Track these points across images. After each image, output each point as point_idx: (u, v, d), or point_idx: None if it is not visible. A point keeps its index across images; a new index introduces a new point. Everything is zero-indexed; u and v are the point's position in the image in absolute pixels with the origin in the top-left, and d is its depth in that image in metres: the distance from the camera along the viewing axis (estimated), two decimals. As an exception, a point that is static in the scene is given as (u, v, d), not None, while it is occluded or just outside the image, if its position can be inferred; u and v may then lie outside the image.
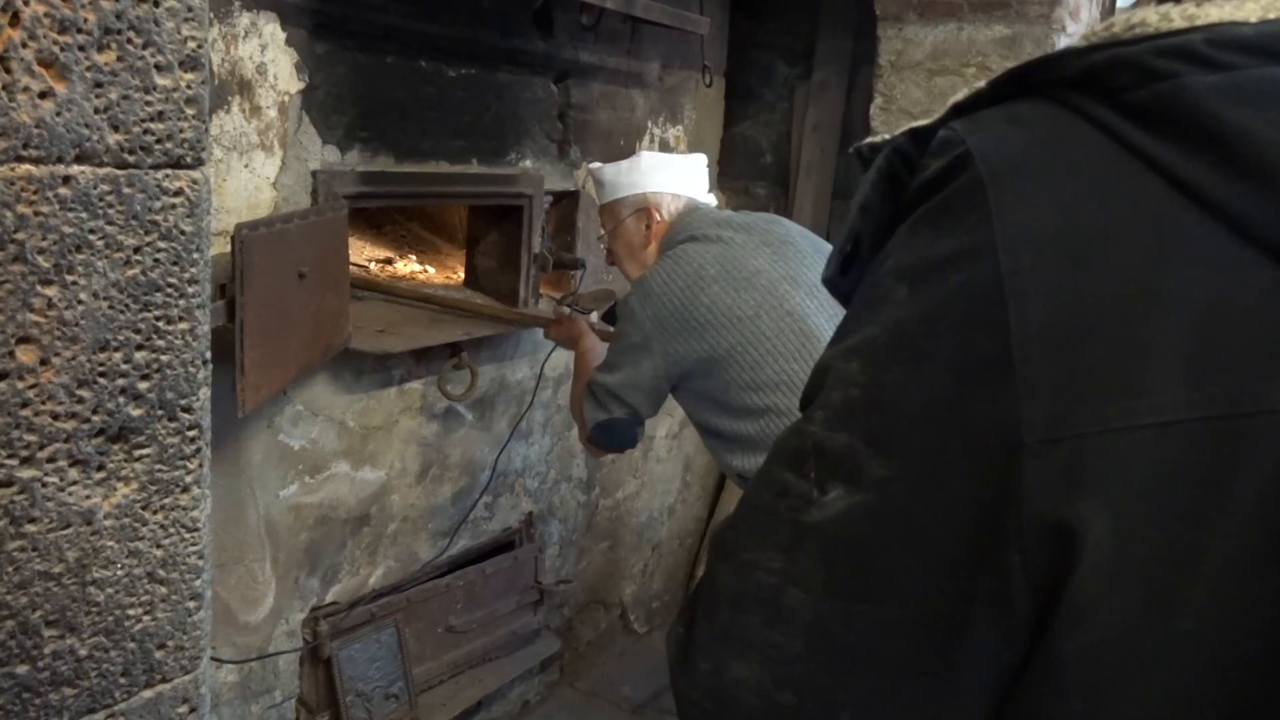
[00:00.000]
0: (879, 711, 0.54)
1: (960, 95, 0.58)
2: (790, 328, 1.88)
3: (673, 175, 2.15)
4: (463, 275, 2.78)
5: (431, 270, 2.84)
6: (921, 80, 2.73)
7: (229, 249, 1.66)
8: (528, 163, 2.61)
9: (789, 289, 1.92)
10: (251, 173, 1.97)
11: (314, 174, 2.09)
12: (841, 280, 0.62)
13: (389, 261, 2.79)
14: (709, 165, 3.37)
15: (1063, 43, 2.62)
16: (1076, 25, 2.63)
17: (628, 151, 2.97)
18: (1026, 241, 0.50)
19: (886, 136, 0.60)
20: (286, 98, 2.01)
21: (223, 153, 1.90)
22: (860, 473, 0.53)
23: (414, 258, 2.85)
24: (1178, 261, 0.48)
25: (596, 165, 2.24)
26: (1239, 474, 0.47)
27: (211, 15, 1.83)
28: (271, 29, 1.96)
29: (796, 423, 0.58)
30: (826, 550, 0.54)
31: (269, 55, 1.96)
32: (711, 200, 2.21)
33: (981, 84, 0.57)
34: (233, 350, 1.65)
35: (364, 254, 2.77)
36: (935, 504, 0.51)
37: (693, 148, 3.26)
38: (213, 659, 2.06)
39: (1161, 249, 0.49)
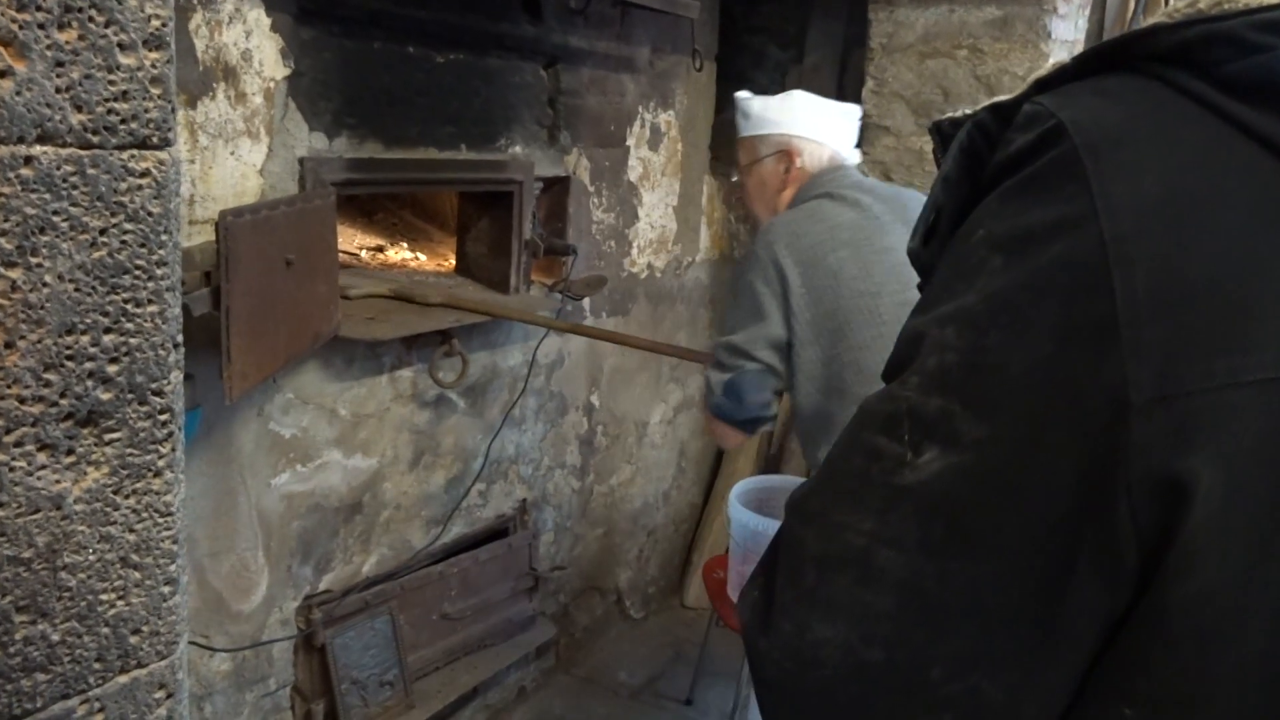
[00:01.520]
0: (972, 665, 0.55)
1: (1043, 71, 0.60)
2: (905, 317, 1.83)
3: (822, 122, 2.05)
4: (454, 262, 2.77)
5: (423, 257, 2.83)
6: (913, 63, 2.72)
7: (214, 236, 1.65)
8: (517, 149, 2.60)
9: (913, 276, 1.86)
10: (238, 160, 1.96)
11: (301, 161, 2.07)
12: (923, 252, 0.65)
13: (380, 249, 2.78)
14: (703, 150, 3.37)
15: (1054, 24, 2.61)
16: (1068, 6, 2.61)
17: (619, 137, 2.96)
18: (1129, 210, 0.52)
19: (967, 111, 0.62)
20: (272, 84, 2.00)
21: (208, 140, 1.89)
22: (957, 435, 0.55)
23: (405, 245, 2.84)
24: None
25: (745, 94, 2.13)
26: None
27: (195, 1, 1.83)
28: (256, 15, 1.94)
29: (887, 388, 0.60)
30: (921, 510, 0.55)
31: (254, 41, 1.95)
32: (855, 156, 2.11)
33: (1066, 59, 0.59)
34: (219, 338, 1.64)
35: (355, 242, 2.77)
36: (1037, 463, 0.53)
37: (684, 133, 3.24)
38: (206, 647, 2.06)
39: (1264, 214, 0.51)
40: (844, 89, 3.32)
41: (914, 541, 0.55)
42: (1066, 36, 2.63)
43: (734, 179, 2.20)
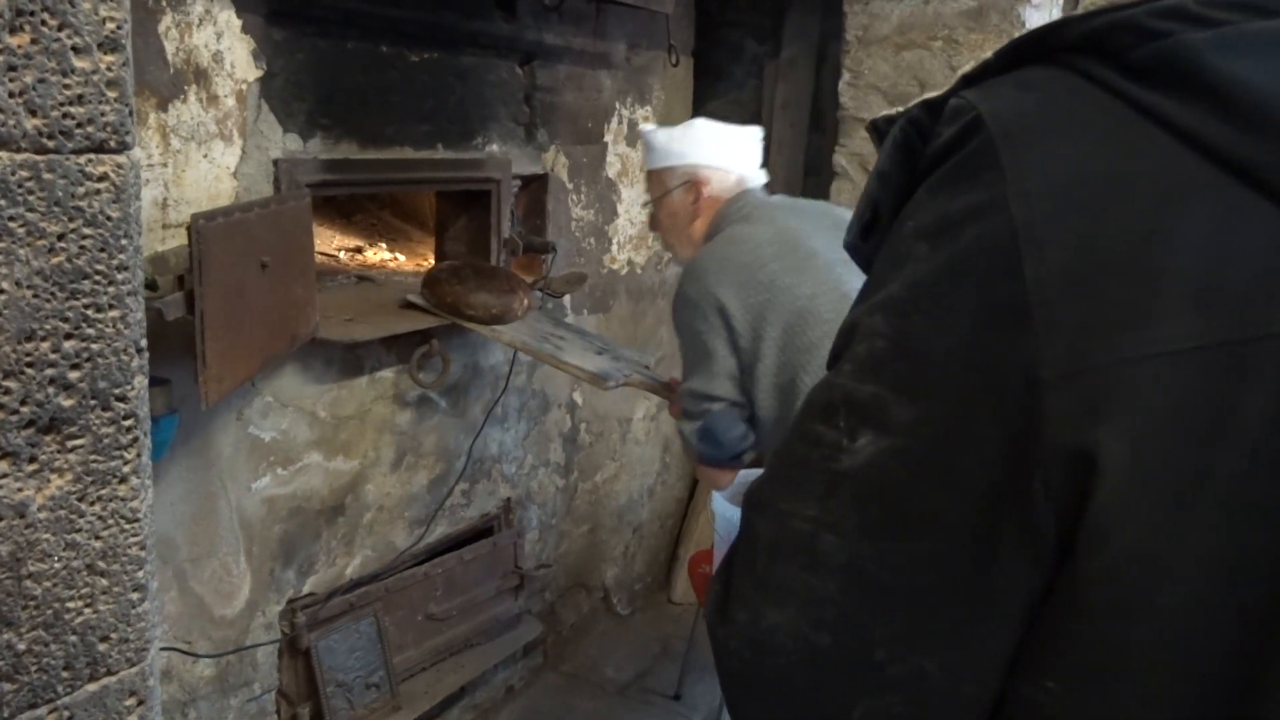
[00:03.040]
0: (913, 646, 0.56)
1: (969, 66, 0.62)
2: (846, 310, 1.83)
3: (725, 148, 2.08)
4: (433, 261, 2.77)
5: (402, 258, 2.82)
6: (889, 55, 2.72)
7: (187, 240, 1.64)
8: (494, 147, 2.59)
9: (843, 271, 1.87)
10: (211, 163, 1.95)
11: (275, 163, 2.06)
12: (862, 246, 0.66)
13: (359, 250, 2.77)
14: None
15: (1028, 14, 2.62)
16: (1042, -5, 2.61)
17: (596, 133, 2.95)
18: (1039, 194, 0.54)
19: (900, 109, 0.64)
20: (244, 86, 1.99)
21: (181, 143, 1.88)
22: (888, 418, 0.56)
23: (384, 246, 2.84)
24: (1184, 204, 0.52)
25: (648, 128, 2.17)
26: (1244, 395, 0.51)
27: (164, 3, 1.81)
28: (226, 16, 1.93)
29: (825, 377, 0.62)
30: (859, 494, 0.57)
31: (225, 43, 1.93)
32: (762, 176, 2.14)
33: (989, 55, 0.61)
34: (194, 343, 1.63)
35: (334, 243, 2.76)
36: (962, 442, 0.55)
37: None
38: (189, 653, 2.05)
39: (1168, 194, 0.52)
40: (821, 82, 3.33)
41: (853, 525, 0.57)
42: (1041, 26, 2.63)
43: (647, 210, 2.21)
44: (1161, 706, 0.53)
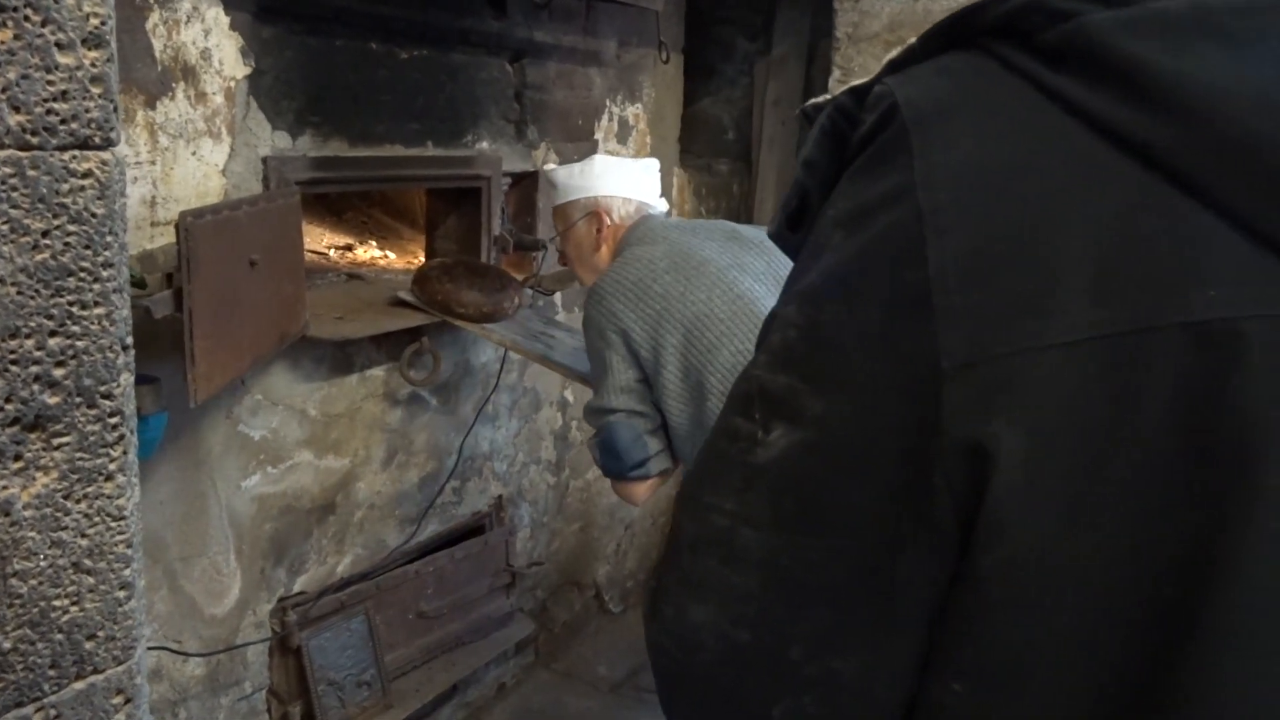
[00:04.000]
0: (826, 645, 0.55)
1: (894, 53, 0.60)
2: (742, 310, 1.88)
3: (624, 179, 2.17)
4: (423, 259, 2.76)
5: (392, 255, 2.82)
6: (878, 52, 2.72)
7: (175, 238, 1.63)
8: (485, 144, 2.59)
9: (737, 275, 1.94)
10: (199, 160, 1.94)
11: (264, 160, 2.06)
12: (791, 236, 0.65)
13: (349, 248, 2.77)
14: (672, 142, 3.37)
15: (1018, 9, 2.62)
16: (1032, -9, 2.61)
17: (587, 130, 2.95)
18: (945, 181, 0.53)
19: (829, 96, 0.62)
20: (233, 83, 1.98)
21: (169, 140, 1.88)
22: (801, 410, 0.55)
23: (374, 243, 2.83)
24: (1086, 190, 0.51)
25: (550, 167, 2.25)
26: (1143, 387, 0.49)
27: (152, 0, 1.81)
28: (215, 13, 1.93)
29: (745, 368, 0.61)
30: (773, 488, 0.56)
31: (213, 40, 1.93)
32: (662, 205, 2.23)
33: (913, 40, 0.60)
34: (183, 341, 1.62)
35: (324, 241, 2.75)
36: (870, 435, 0.53)
37: (652, 126, 3.24)
38: (179, 652, 2.05)
39: (1071, 179, 0.51)
40: (811, 79, 3.33)
41: (768, 520, 0.56)
42: (1030, 23, 2.63)
43: (556, 247, 2.32)
44: (1069, 706, 0.52)
